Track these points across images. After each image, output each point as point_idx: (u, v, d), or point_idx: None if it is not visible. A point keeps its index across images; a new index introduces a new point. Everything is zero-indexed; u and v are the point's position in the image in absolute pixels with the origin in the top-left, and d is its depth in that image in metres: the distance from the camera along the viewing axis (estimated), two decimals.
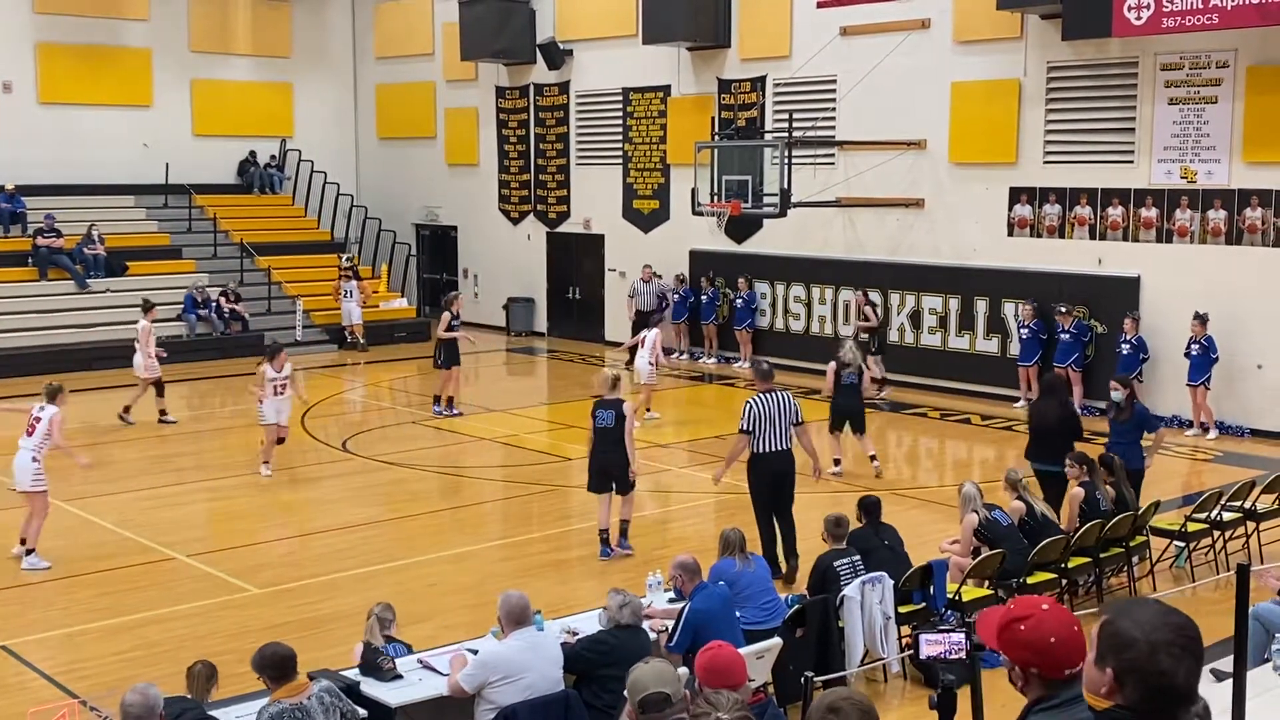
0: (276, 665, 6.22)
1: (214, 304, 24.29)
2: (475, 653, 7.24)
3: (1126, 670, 2.79)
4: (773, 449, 10.98)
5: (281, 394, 14.96)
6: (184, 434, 17.87)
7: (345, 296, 25.37)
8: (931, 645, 3.98)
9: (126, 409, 17.95)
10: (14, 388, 20.56)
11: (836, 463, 14.77)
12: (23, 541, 11.58)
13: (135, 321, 18.86)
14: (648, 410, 17.55)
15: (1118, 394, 11.95)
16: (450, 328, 18.10)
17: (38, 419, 11.54)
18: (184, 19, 27.87)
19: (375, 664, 7.18)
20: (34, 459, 11.43)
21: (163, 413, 18.09)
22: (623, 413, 11.55)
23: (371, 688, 7.02)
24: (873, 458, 14.93)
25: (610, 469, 11.62)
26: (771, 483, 11.04)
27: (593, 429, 11.65)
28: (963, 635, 3.87)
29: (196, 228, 26.81)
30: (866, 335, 20.15)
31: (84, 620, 10.21)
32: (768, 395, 11.12)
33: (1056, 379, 14.27)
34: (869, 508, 9.58)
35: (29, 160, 25.51)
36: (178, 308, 24.04)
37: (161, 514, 13.39)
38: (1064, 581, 10.09)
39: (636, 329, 20.50)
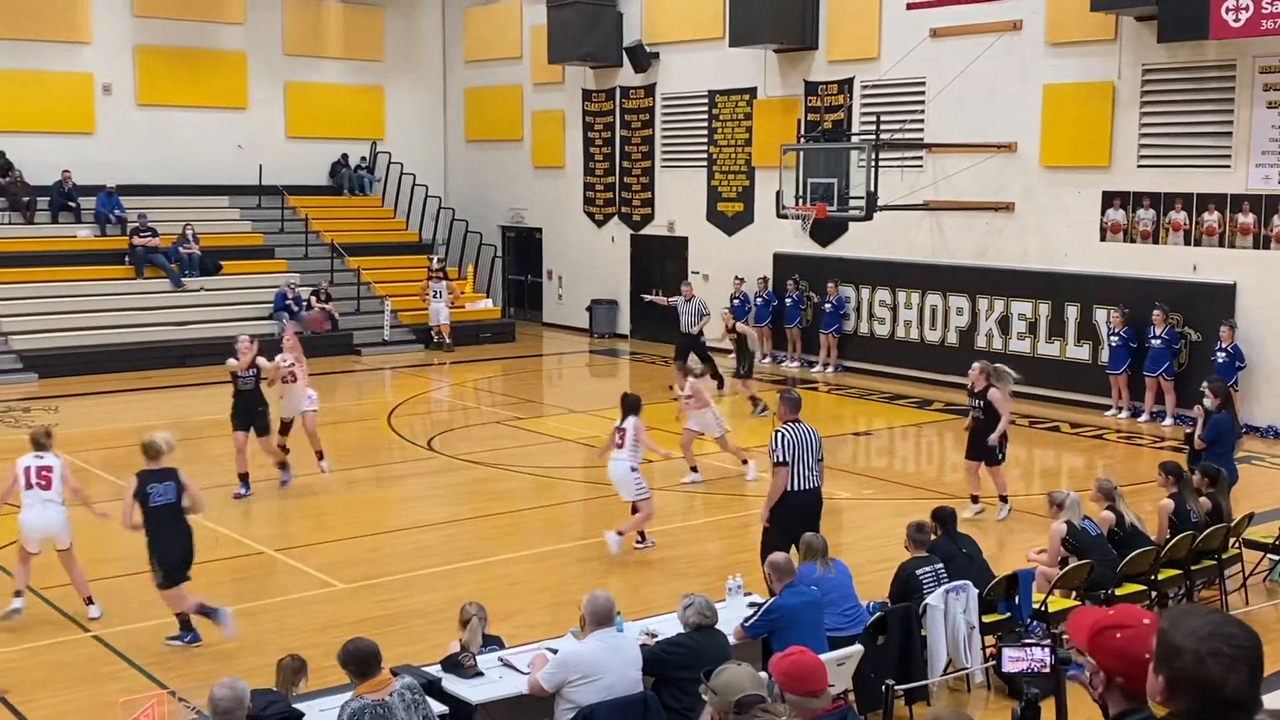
0: (359, 661, 6.29)
1: (304, 303, 24.70)
2: (555, 652, 7.27)
3: (1177, 678, 2.81)
4: (803, 486, 10.17)
5: (291, 382, 14.48)
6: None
7: (433, 297, 25.65)
8: (1014, 661, 3.94)
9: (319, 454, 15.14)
10: (111, 383, 21.11)
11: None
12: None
13: (230, 320, 19.07)
14: (693, 470, 14.87)
15: (1209, 401, 11.68)
16: (236, 378, 14.15)
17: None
18: (278, 23, 28.38)
19: (457, 661, 7.24)
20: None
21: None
22: (181, 483, 9.72)
23: (453, 684, 7.09)
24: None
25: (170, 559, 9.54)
26: (802, 524, 9.65)
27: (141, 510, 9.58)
28: (1046, 650, 3.82)
29: (289, 228, 27.28)
30: (735, 345, 19.08)
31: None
32: (795, 426, 10.28)
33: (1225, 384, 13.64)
34: (944, 518, 9.46)
35: (127, 161, 26.14)
36: (269, 307, 24.50)
37: (251, 509, 13.63)
38: (1154, 594, 9.89)
39: (683, 354, 19.07)
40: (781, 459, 10.07)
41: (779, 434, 10.15)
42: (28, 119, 25.55)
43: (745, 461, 14.77)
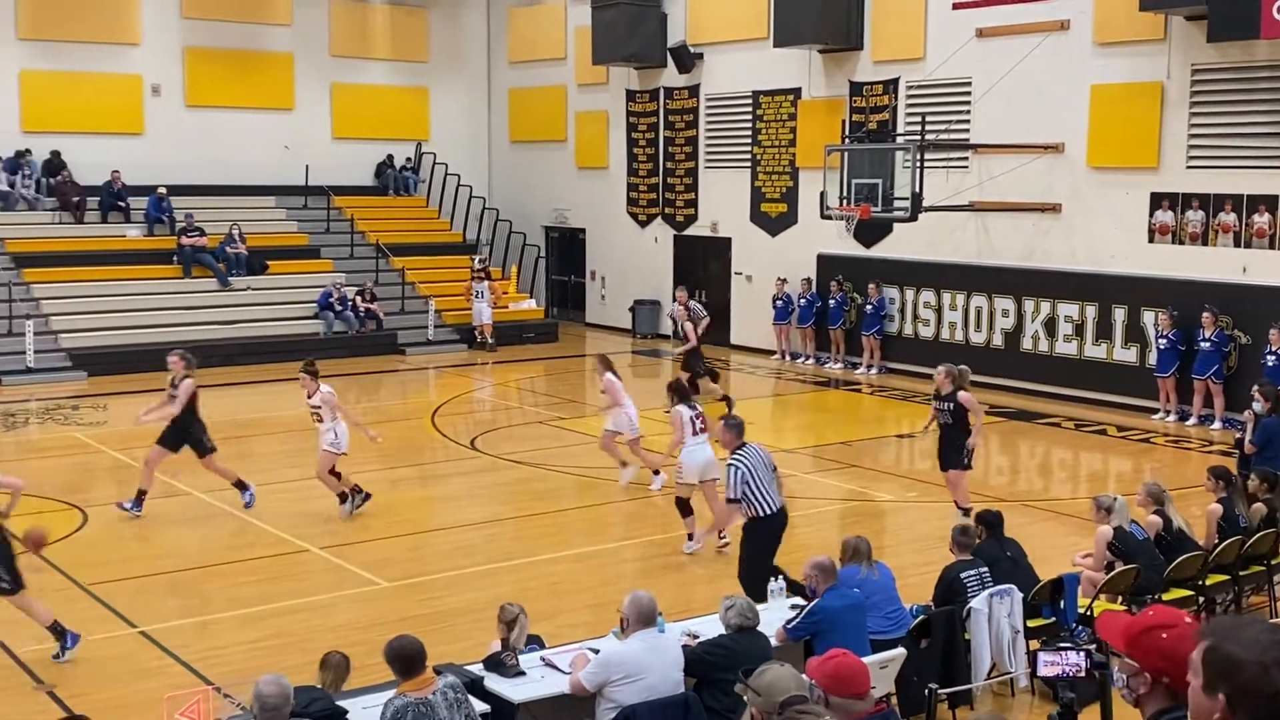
0: (403, 660, 6.32)
1: (350, 303, 24.86)
2: (596, 652, 7.28)
3: (1240, 694, 2.72)
4: (771, 510, 9.92)
5: (321, 422, 13.21)
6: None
7: (476, 297, 25.76)
8: (1049, 666, 3.90)
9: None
10: (159, 382, 21.27)
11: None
12: None
13: (277, 319, 19.16)
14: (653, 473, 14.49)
15: (1260, 405, 11.53)
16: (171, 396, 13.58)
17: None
18: (325, 24, 28.59)
19: (499, 660, 7.27)
20: None
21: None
22: None
23: (495, 683, 7.11)
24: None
25: None
26: (771, 546, 9.93)
27: None
28: (1082, 655, 3.79)
29: (334, 228, 27.47)
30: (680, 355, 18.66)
31: (219, 609, 10.53)
32: (745, 451, 10.01)
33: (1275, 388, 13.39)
34: (991, 522, 9.38)
35: (175, 161, 26.43)
36: (315, 306, 24.70)
37: (296, 507, 13.73)
38: (1201, 599, 9.77)
39: (689, 365, 18.78)
40: (732, 496, 9.91)
41: (733, 468, 9.89)
42: (78, 120, 25.88)
43: (656, 472, 14.20)
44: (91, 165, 25.55)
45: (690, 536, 12.00)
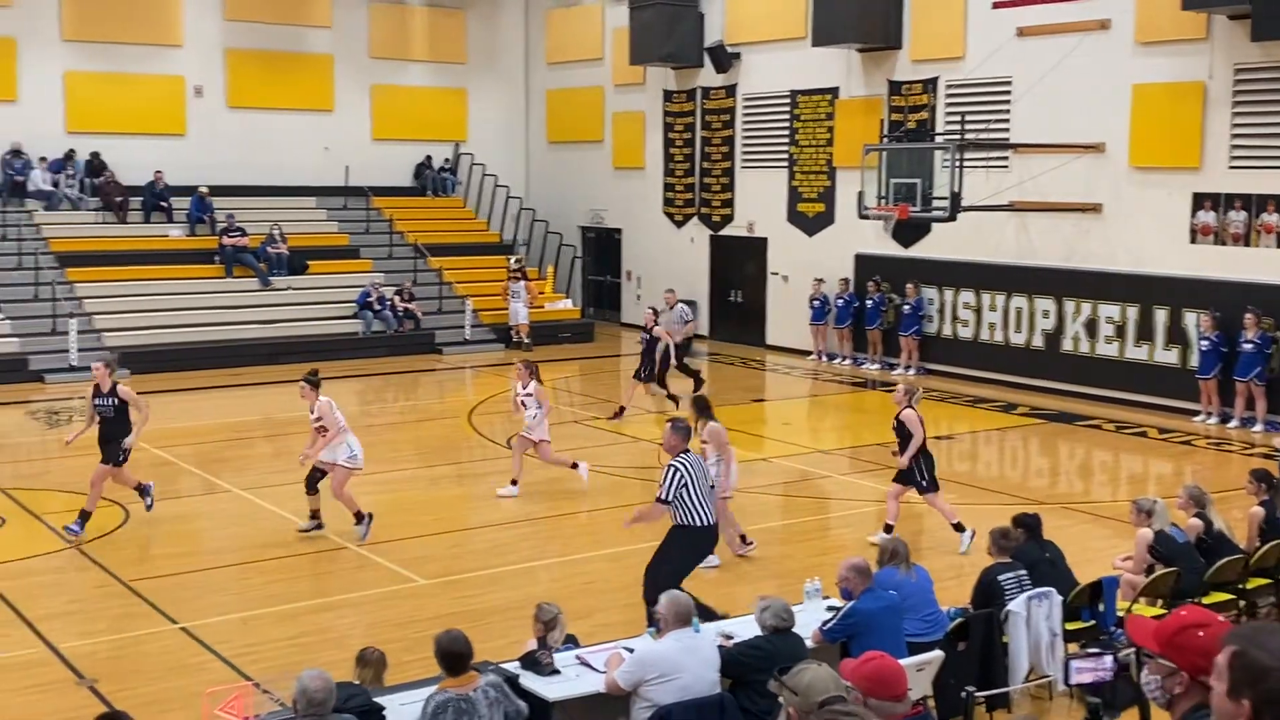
0: (451, 656, 6.38)
1: (388, 302, 25.00)
2: (631, 651, 7.29)
3: (1265, 700, 2.72)
4: (705, 522, 9.53)
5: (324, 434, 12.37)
6: (356, 428, 18.38)
7: (513, 297, 25.83)
8: (1082, 673, 3.88)
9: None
10: (201, 380, 21.53)
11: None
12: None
13: (317, 318, 19.27)
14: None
15: None
16: (95, 405, 12.74)
17: None
18: (364, 26, 28.77)
19: (535, 658, 7.29)
20: None
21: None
22: None
23: (530, 681, 7.13)
24: None
25: None
26: (696, 559, 9.73)
27: None
28: (1110, 657, 3.78)
29: (373, 229, 27.64)
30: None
31: (258, 605, 10.61)
32: (688, 457, 9.61)
33: None
34: (1030, 525, 9.32)
35: (217, 162, 26.66)
36: (354, 306, 24.85)
37: (334, 504, 13.80)
38: (1242, 603, 9.67)
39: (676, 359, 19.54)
40: (666, 497, 9.44)
41: (673, 469, 9.49)
42: (122, 121, 26.16)
43: (575, 465, 14.29)
44: (134, 166, 25.81)
45: (743, 539, 11.98)
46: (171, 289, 24.08)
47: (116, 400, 12.49)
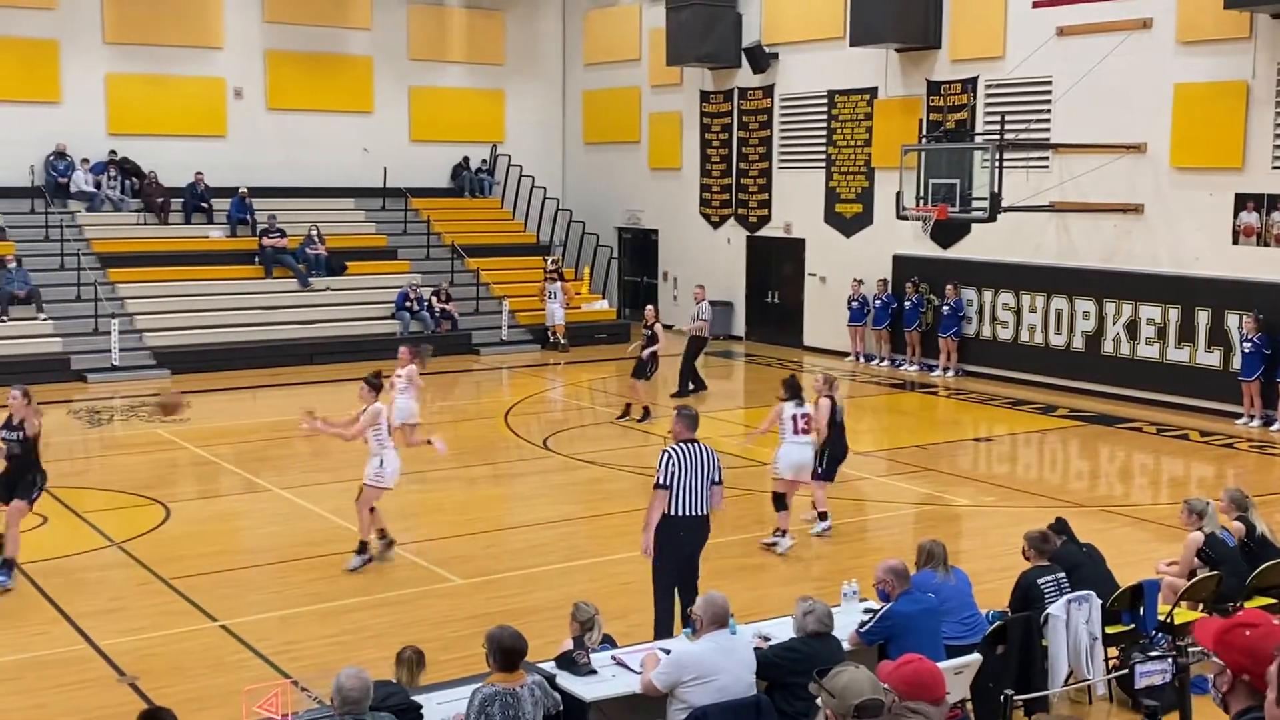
0: (506, 653, 6.45)
1: (426, 303, 25.10)
2: (668, 652, 7.28)
3: None
4: (686, 512, 9.15)
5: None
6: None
7: (549, 298, 25.89)
8: (1150, 675, 3.85)
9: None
10: (240, 379, 21.70)
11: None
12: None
13: (355, 319, 19.28)
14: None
15: None
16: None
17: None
18: (403, 28, 28.91)
19: (571, 658, 7.30)
20: None
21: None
22: None
23: (567, 681, 7.14)
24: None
25: None
26: (678, 552, 9.26)
27: None
28: (1169, 660, 3.76)
29: (411, 230, 27.76)
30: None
31: (298, 604, 10.67)
32: (689, 446, 9.26)
33: None
34: (1062, 528, 9.26)
35: (257, 163, 26.87)
36: (392, 306, 24.97)
37: (397, 515, 13.87)
38: None
39: (693, 355, 20.44)
40: (662, 482, 9.14)
41: (666, 454, 9.22)
42: (163, 122, 26.40)
43: (431, 441, 14.50)
44: (175, 167, 26.03)
45: (782, 532, 12.01)
46: (212, 289, 24.28)
47: (22, 435, 10.93)
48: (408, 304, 24.88)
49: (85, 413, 18.92)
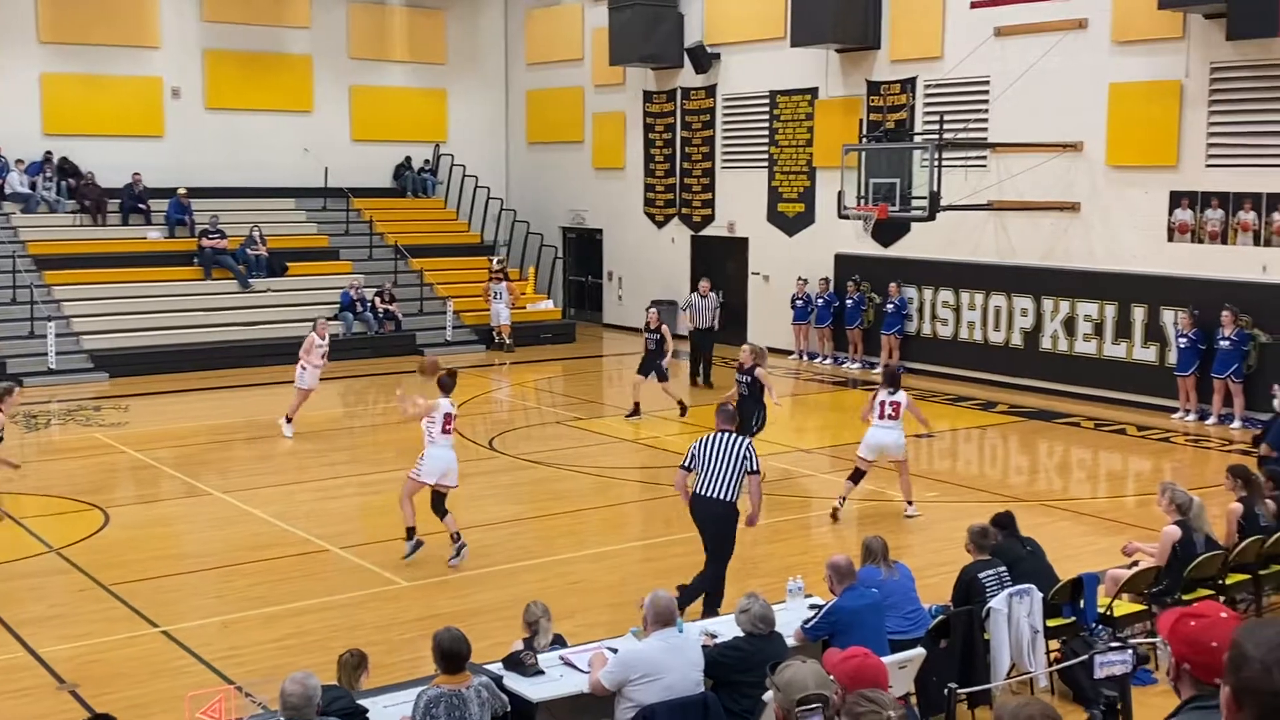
0: (450, 657, 6.48)
1: (369, 304, 24.94)
2: (615, 651, 7.30)
3: (1242, 689, 2.78)
4: (704, 493, 9.85)
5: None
6: (338, 430, 18.40)
7: (494, 298, 25.82)
8: (1109, 666, 3.93)
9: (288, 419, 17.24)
10: (180, 382, 21.45)
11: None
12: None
13: (296, 320, 19.32)
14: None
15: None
16: None
17: None
18: (343, 27, 28.71)
19: (518, 659, 7.30)
20: None
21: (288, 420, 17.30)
22: None
23: (514, 682, 7.14)
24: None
25: None
26: (700, 527, 10.05)
27: None
28: (1131, 652, 3.85)
29: (353, 230, 27.57)
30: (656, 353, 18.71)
31: (240, 608, 10.58)
32: (717, 435, 9.94)
33: None
34: (1005, 523, 9.38)
35: (196, 163, 26.57)
36: (335, 307, 24.78)
37: (316, 507, 13.80)
38: (1221, 599, 9.74)
39: (703, 348, 21.68)
40: (686, 464, 10.01)
41: (696, 441, 10.09)
42: (100, 123, 26.05)
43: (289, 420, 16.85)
44: (112, 167, 25.68)
45: (842, 500, 13.06)
46: (150, 291, 23.98)
47: None
48: (352, 304, 24.68)
49: (21, 417, 18.62)
